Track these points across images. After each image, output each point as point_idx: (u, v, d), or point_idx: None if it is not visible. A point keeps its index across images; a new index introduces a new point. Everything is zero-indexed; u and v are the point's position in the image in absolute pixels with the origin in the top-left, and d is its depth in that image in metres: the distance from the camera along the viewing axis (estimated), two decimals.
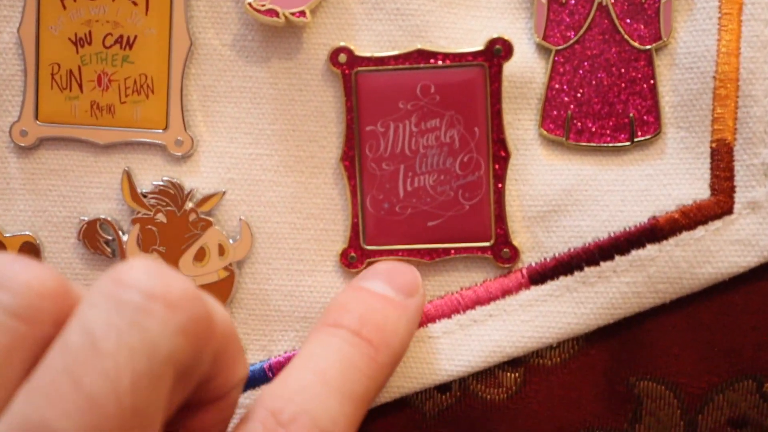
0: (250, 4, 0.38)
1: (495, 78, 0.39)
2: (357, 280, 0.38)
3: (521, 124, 0.39)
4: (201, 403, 0.29)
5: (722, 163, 0.38)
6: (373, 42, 0.39)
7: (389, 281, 0.37)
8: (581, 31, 0.39)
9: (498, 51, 0.39)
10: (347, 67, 0.39)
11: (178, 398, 0.27)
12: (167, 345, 0.24)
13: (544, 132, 0.39)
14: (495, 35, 0.39)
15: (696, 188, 0.38)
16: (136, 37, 0.39)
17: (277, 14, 0.39)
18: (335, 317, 0.35)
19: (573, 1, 0.39)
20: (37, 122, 0.39)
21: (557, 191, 0.39)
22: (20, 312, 0.24)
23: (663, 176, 0.38)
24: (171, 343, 0.24)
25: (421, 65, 0.39)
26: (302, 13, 0.39)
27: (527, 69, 0.39)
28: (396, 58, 0.39)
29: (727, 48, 0.38)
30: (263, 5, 0.39)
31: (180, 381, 0.26)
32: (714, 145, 0.38)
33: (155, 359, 0.24)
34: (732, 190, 0.38)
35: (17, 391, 0.24)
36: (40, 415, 0.23)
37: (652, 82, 0.38)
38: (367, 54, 0.39)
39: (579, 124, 0.39)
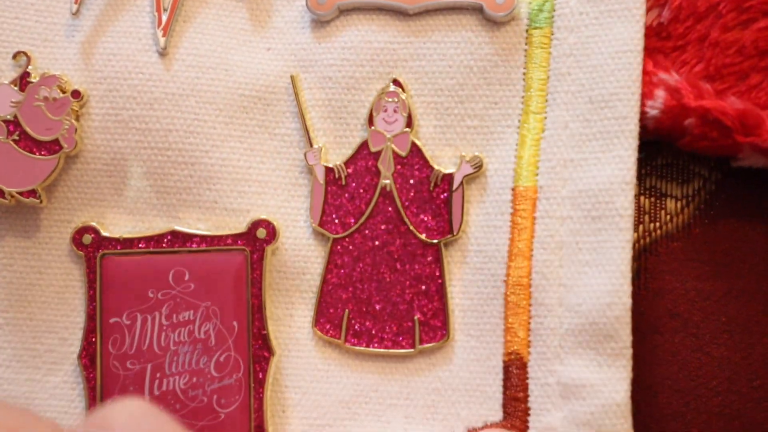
0: None
1: (257, 265, 0.33)
2: None
3: (293, 321, 0.34)
4: None
5: (515, 380, 0.32)
6: (124, 221, 0.34)
7: None
8: (362, 219, 0.34)
9: (261, 234, 0.33)
10: (92, 249, 0.34)
11: None
12: None
13: (318, 332, 0.34)
14: (261, 216, 0.33)
15: (487, 408, 0.32)
16: None
17: (2, 194, 0.33)
18: None
19: (354, 184, 0.34)
20: None
21: (334, 403, 0.33)
22: None
23: (451, 392, 0.33)
24: None
25: (176, 248, 0.34)
26: (33, 193, 0.33)
27: (300, 258, 0.34)
28: (147, 240, 0.34)
29: (518, 249, 0.32)
30: None
31: None
32: (506, 359, 0.32)
33: None
34: (526, 413, 0.32)
35: None
36: None
37: (439, 281, 0.33)
38: (116, 235, 0.34)
39: (357, 325, 0.33)
